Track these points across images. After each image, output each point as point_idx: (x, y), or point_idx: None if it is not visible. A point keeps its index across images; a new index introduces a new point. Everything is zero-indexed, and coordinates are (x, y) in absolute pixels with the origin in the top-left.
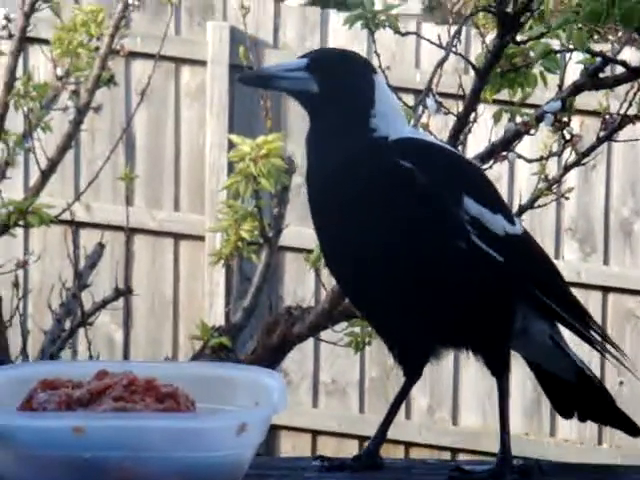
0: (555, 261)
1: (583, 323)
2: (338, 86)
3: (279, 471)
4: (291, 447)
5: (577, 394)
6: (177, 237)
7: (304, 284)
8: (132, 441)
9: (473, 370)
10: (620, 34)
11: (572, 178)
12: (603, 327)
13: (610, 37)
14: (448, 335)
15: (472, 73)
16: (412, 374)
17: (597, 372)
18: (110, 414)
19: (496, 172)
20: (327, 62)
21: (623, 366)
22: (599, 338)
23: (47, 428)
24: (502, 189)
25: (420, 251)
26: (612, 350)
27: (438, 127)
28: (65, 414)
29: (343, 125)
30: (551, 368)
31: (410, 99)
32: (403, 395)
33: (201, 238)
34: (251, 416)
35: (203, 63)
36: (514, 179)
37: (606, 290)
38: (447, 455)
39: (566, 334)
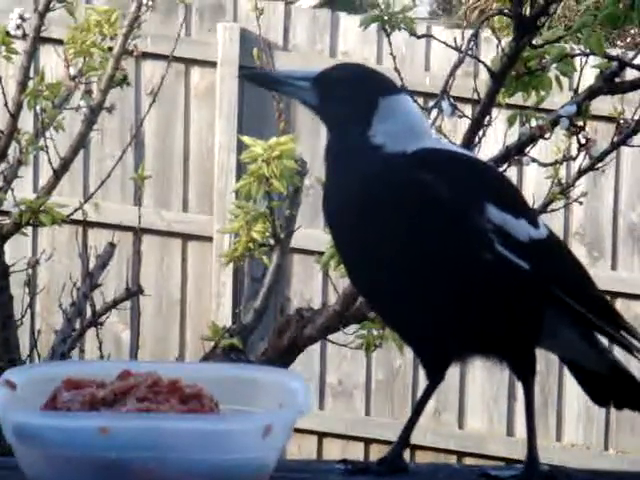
0: None
1: (614, 325)
2: (333, 103)
3: (303, 474)
4: (297, 449)
5: (611, 385)
6: (185, 238)
7: (311, 286)
8: (157, 442)
9: (479, 373)
10: (629, 40)
11: (581, 183)
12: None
13: (619, 43)
14: (474, 342)
15: (482, 77)
16: (435, 377)
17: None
18: (135, 415)
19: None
20: (334, 77)
21: None
22: (632, 340)
23: (73, 428)
24: None
25: (444, 263)
26: None
27: (447, 130)
28: (91, 414)
29: (345, 139)
30: (584, 363)
31: (419, 102)
32: (426, 397)
33: (209, 239)
34: (277, 418)
35: (213, 64)
36: (523, 183)
37: (614, 295)
38: (453, 458)
39: None
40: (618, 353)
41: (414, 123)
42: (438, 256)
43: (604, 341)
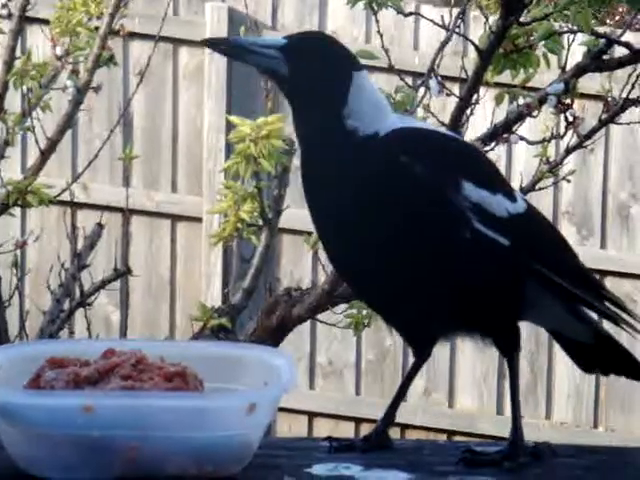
0: None
1: (596, 296)
2: (307, 74)
3: (288, 451)
4: (287, 429)
5: (596, 353)
6: (174, 218)
7: (301, 266)
8: (141, 420)
9: (469, 352)
10: (617, 18)
11: (570, 161)
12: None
13: (608, 21)
14: (455, 319)
15: (471, 56)
16: (421, 354)
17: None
18: (119, 393)
19: (494, 154)
20: (304, 46)
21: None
22: (613, 309)
23: (56, 406)
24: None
25: (423, 243)
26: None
27: (436, 109)
28: (74, 393)
29: (318, 122)
30: (567, 333)
31: (408, 81)
32: (413, 374)
33: (198, 219)
34: (260, 396)
35: (201, 44)
36: (512, 161)
37: (603, 274)
38: (443, 437)
39: None
40: (607, 324)
41: (378, 99)
42: (418, 237)
43: (590, 312)
